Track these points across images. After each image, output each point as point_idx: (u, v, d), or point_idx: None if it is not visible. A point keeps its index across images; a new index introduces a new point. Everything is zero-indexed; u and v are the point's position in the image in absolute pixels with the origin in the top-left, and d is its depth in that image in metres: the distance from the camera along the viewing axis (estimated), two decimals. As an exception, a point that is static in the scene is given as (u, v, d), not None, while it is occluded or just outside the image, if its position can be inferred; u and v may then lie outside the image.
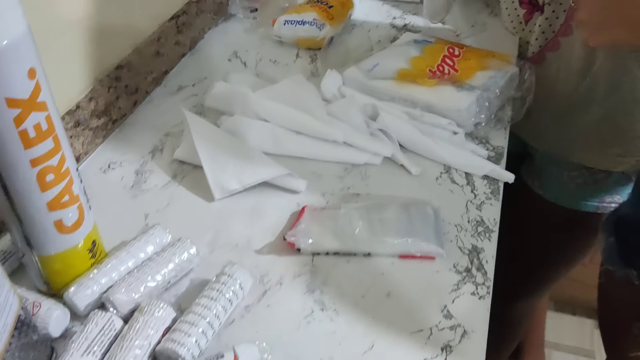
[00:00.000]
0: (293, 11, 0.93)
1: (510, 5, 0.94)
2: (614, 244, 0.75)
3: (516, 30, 0.94)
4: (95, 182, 0.70)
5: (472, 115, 0.72)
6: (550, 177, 0.98)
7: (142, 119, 0.80)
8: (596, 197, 0.94)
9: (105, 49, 0.75)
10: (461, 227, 0.62)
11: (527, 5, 0.90)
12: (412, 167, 0.69)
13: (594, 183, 0.93)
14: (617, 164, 0.89)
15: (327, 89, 0.78)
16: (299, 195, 0.67)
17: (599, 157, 0.89)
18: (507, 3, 0.94)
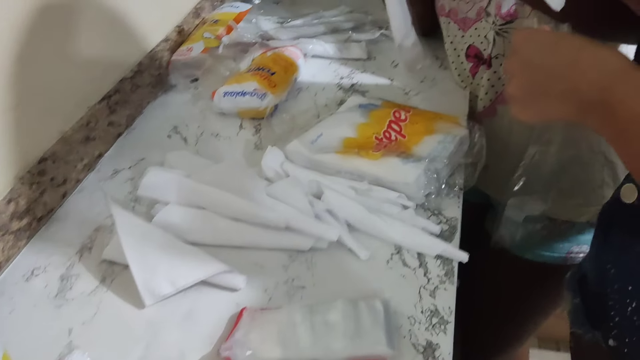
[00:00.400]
0: (233, 81, 0.89)
1: (456, 59, 0.91)
2: (580, 305, 0.70)
3: (464, 83, 0.91)
4: (18, 292, 0.64)
5: (422, 187, 0.68)
6: (514, 229, 0.94)
7: (73, 211, 0.74)
8: (563, 249, 0.90)
9: (25, 143, 0.70)
10: (414, 319, 0.57)
11: (473, 58, 0.87)
12: (360, 251, 0.64)
13: (558, 234, 0.89)
14: (580, 214, 0.86)
15: (268, 167, 0.74)
16: (239, 293, 0.61)
17: (560, 207, 0.86)
18: (454, 57, 0.92)
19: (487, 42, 0.83)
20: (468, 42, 0.86)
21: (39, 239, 0.71)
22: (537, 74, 0.51)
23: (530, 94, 0.53)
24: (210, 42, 1.01)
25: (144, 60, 0.93)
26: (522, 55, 0.53)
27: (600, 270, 0.65)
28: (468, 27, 0.86)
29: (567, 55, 0.49)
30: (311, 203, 0.68)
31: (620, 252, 0.61)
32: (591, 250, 0.69)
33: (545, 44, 0.51)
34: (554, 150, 0.81)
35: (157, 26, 0.98)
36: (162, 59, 0.97)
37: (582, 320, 0.69)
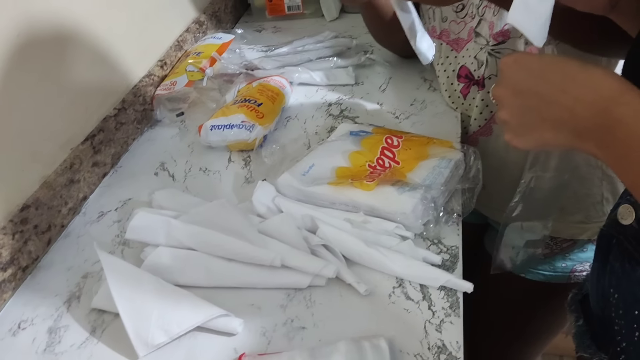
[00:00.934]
0: (220, 114, 0.87)
1: (446, 80, 0.90)
2: (584, 327, 0.68)
3: (455, 104, 0.90)
4: (4, 348, 0.61)
5: (419, 217, 0.66)
6: (515, 250, 0.93)
7: (58, 258, 0.72)
8: (566, 268, 0.89)
9: (5, 191, 0.67)
10: (422, 357, 0.54)
11: (464, 79, 0.87)
12: (360, 286, 0.61)
13: (560, 253, 0.87)
14: (582, 231, 0.85)
15: (259, 202, 0.71)
16: (237, 337, 0.58)
17: (561, 226, 0.84)
18: (444, 78, 0.91)
19: (477, 62, 0.82)
20: (461, 63, 0.86)
21: (25, 289, 0.68)
22: (528, 101, 0.50)
23: (523, 122, 0.51)
24: (194, 75, 1.00)
25: (127, 97, 0.91)
26: (510, 81, 0.52)
27: (603, 294, 0.63)
28: (461, 48, 0.85)
29: (557, 80, 0.48)
30: (306, 238, 0.66)
31: (622, 276, 0.59)
32: (592, 273, 0.67)
33: (534, 70, 0.50)
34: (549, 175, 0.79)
35: (139, 61, 0.97)
36: (145, 95, 0.95)
37: (588, 343, 0.67)
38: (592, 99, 0.45)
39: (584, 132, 0.47)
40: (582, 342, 0.68)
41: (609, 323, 0.62)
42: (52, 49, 0.75)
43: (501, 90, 0.52)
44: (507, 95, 0.52)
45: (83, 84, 0.82)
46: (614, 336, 0.61)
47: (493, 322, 1.04)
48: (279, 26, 1.30)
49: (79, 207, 0.78)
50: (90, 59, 0.83)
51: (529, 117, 0.50)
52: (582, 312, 0.69)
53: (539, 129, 0.50)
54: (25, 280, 0.69)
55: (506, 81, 0.52)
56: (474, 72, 0.83)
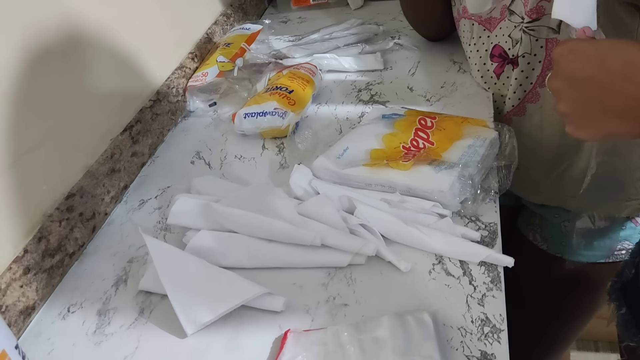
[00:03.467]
0: (253, 102, 0.88)
1: (478, 60, 0.90)
2: (628, 315, 0.67)
3: (488, 85, 0.90)
4: (55, 331, 0.63)
5: (457, 194, 0.67)
6: (552, 229, 0.92)
7: (104, 245, 0.74)
8: (604, 247, 0.88)
9: (51, 180, 0.69)
10: (465, 330, 0.55)
11: (498, 58, 0.86)
12: (400, 263, 0.62)
13: (597, 230, 0.87)
14: (621, 208, 0.84)
15: (296, 185, 0.72)
16: (280, 315, 0.60)
17: (600, 203, 0.84)
18: (476, 59, 0.90)
19: (511, 41, 0.81)
20: (494, 42, 0.85)
21: (72, 275, 0.70)
22: (589, 91, 0.48)
23: (585, 113, 0.49)
24: (225, 65, 1.01)
25: (162, 89, 0.93)
26: (567, 72, 0.50)
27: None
28: (494, 27, 0.84)
29: (618, 67, 0.46)
30: (344, 219, 0.67)
31: None
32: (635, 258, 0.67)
33: (591, 58, 0.47)
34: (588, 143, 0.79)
35: (171, 54, 0.98)
36: (178, 86, 0.97)
37: (634, 332, 0.66)
38: None
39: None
40: (627, 331, 0.67)
41: None
42: (89, 43, 0.77)
43: (558, 81, 0.51)
44: (565, 86, 0.50)
45: (119, 77, 0.84)
46: None
47: (529, 303, 1.03)
48: (304, 16, 1.31)
49: (121, 196, 0.80)
50: (125, 54, 0.85)
51: (590, 108, 0.48)
52: (624, 301, 0.68)
53: (603, 120, 0.48)
54: (72, 266, 0.71)
55: (562, 72, 0.50)
56: (508, 50, 0.83)
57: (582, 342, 1.73)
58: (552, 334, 1.06)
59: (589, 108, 0.48)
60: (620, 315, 0.67)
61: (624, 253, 0.87)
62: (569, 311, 1.01)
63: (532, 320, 1.03)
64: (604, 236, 0.87)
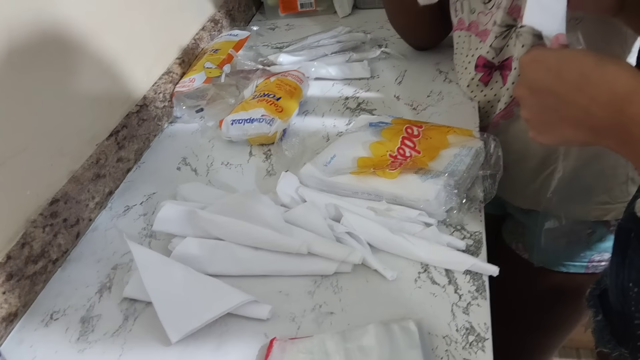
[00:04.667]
0: (240, 108, 0.88)
1: (464, 71, 0.91)
2: (604, 322, 0.68)
3: (474, 94, 0.91)
4: (37, 339, 0.62)
5: (442, 203, 0.67)
6: (534, 239, 0.93)
7: (88, 251, 0.73)
8: (584, 257, 0.89)
9: (35, 185, 0.69)
10: (450, 338, 0.55)
11: (483, 68, 0.87)
12: (386, 271, 0.62)
13: (578, 241, 0.88)
14: (606, 212, 0.85)
15: (283, 192, 0.72)
16: (266, 323, 0.59)
17: (587, 208, 0.85)
18: (461, 69, 0.91)
19: (493, 51, 0.82)
20: (477, 54, 0.86)
21: (56, 281, 0.69)
22: (547, 99, 0.50)
23: (543, 120, 0.52)
24: (212, 71, 1.01)
25: (148, 94, 0.92)
26: (529, 80, 0.52)
27: (621, 288, 0.63)
28: (487, 38, 0.85)
29: (573, 78, 0.48)
30: (331, 226, 0.67)
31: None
32: (611, 268, 0.68)
33: (551, 68, 0.50)
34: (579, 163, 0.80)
35: (158, 60, 0.98)
36: (165, 92, 0.96)
37: (608, 338, 0.67)
38: (607, 98, 0.46)
39: (602, 130, 0.47)
40: (602, 337, 0.68)
41: (628, 317, 0.62)
42: (76, 48, 0.76)
43: (521, 89, 0.53)
44: (527, 94, 0.52)
45: (105, 82, 0.83)
46: (634, 330, 0.61)
47: (513, 312, 1.04)
48: (292, 23, 1.31)
49: (106, 202, 0.80)
50: (111, 59, 0.84)
51: (548, 115, 0.51)
52: (600, 307, 0.70)
53: (559, 127, 0.51)
54: (55, 273, 0.70)
55: (525, 80, 0.52)
56: (492, 59, 0.83)
57: (564, 349, 1.74)
58: (535, 343, 1.07)
59: (547, 116, 0.51)
60: (596, 322, 0.68)
61: (603, 264, 0.88)
62: (552, 321, 1.02)
63: (516, 329, 1.04)
64: (585, 246, 0.88)
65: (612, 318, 0.67)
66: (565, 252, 0.90)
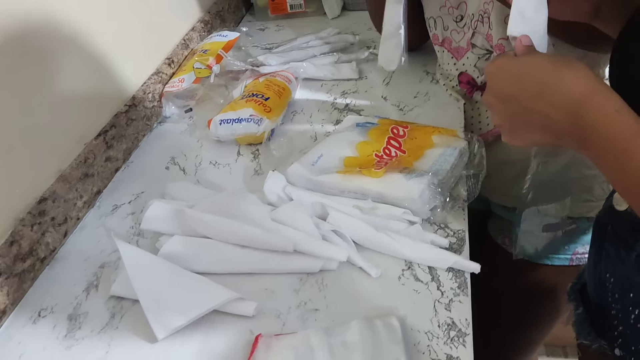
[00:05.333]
0: (228, 108, 0.89)
1: (448, 83, 0.92)
2: (584, 315, 0.70)
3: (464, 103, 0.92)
4: (25, 335, 0.63)
5: (426, 202, 0.68)
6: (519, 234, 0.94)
7: (75, 249, 0.73)
8: (567, 250, 0.90)
9: (23, 184, 0.69)
10: (432, 334, 0.56)
11: (466, 85, 0.89)
12: (371, 269, 0.63)
13: (563, 234, 0.89)
14: (589, 209, 0.86)
15: (270, 191, 0.73)
16: (252, 320, 0.60)
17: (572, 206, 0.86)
18: (446, 81, 0.93)
19: (478, 70, 0.84)
20: (460, 70, 0.88)
21: (43, 279, 0.69)
22: (512, 107, 0.52)
23: (513, 125, 0.53)
24: (201, 72, 1.02)
25: (137, 94, 0.93)
26: (495, 88, 0.54)
27: (599, 280, 0.65)
28: (461, 56, 0.87)
29: (532, 86, 0.50)
30: (317, 225, 0.68)
31: (617, 261, 0.61)
32: (589, 260, 0.69)
33: (512, 76, 0.52)
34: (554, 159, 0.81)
35: (148, 60, 0.99)
36: (154, 92, 0.97)
37: (588, 330, 0.69)
38: (565, 104, 0.47)
39: (564, 134, 0.49)
40: (582, 330, 0.70)
41: (606, 309, 0.64)
42: (64, 47, 0.77)
43: (489, 97, 0.54)
44: (495, 102, 0.54)
45: (94, 81, 0.84)
46: (611, 321, 0.63)
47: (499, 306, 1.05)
48: (281, 24, 1.32)
49: (94, 201, 0.80)
50: (101, 58, 0.85)
51: (515, 121, 0.53)
52: (581, 301, 0.71)
53: (527, 131, 0.52)
54: (43, 271, 0.70)
55: (492, 88, 0.54)
56: (476, 78, 0.85)
57: (551, 348, 1.76)
58: (518, 337, 1.08)
59: (515, 122, 0.53)
60: (577, 315, 0.70)
61: (586, 257, 0.89)
62: (535, 315, 1.03)
63: (502, 323, 1.06)
64: (568, 240, 0.89)
65: (592, 311, 0.68)
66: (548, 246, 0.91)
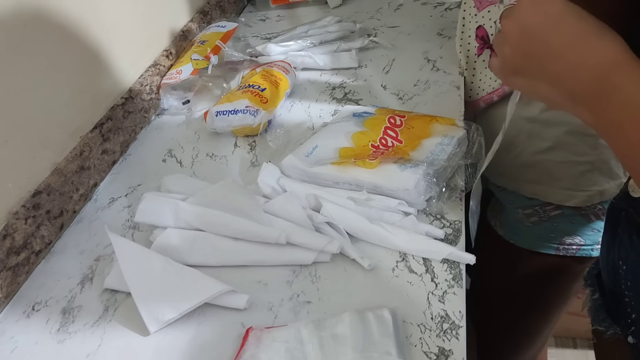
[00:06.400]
0: (225, 100, 0.88)
1: (466, 38, 0.90)
2: (600, 301, 0.69)
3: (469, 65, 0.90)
4: (18, 329, 0.63)
5: (422, 193, 0.67)
6: (508, 215, 0.93)
7: (71, 243, 0.73)
8: (554, 238, 0.89)
9: (17, 177, 0.69)
10: (424, 326, 0.56)
11: (480, 40, 0.87)
12: (364, 261, 0.62)
13: (548, 220, 0.87)
14: (568, 197, 0.85)
15: (264, 183, 0.73)
16: (244, 312, 0.60)
17: (549, 190, 0.85)
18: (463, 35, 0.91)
19: (495, 27, 0.82)
20: (479, 23, 0.85)
21: (38, 273, 0.69)
22: (535, 46, 0.47)
23: (522, 65, 0.48)
24: (199, 63, 1.01)
25: (134, 86, 0.93)
26: (523, 20, 0.48)
27: (612, 266, 0.63)
28: (483, 8, 0.84)
29: (570, 35, 0.45)
30: (310, 217, 0.67)
31: (630, 248, 0.59)
32: (602, 246, 0.68)
33: (550, 16, 0.46)
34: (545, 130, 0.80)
35: (145, 51, 0.98)
36: (152, 84, 0.97)
37: (603, 317, 0.67)
38: (595, 63, 0.44)
39: (580, 95, 0.45)
40: (598, 316, 0.68)
41: (619, 295, 0.63)
42: (58, 38, 0.77)
43: (512, 25, 0.48)
44: (516, 32, 0.48)
45: (90, 73, 0.84)
46: (624, 308, 0.62)
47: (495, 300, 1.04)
48: (282, 14, 1.31)
49: (90, 194, 0.80)
50: (97, 49, 0.85)
51: (530, 63, 0.48)
52: (597, 287, 0.70)
53: (536, 78, 0.48)
54: (39, 264, 0.70)
55: (520, 18, 0.48)
56: (490, 36, 0.83)
57: (561, 339, 1.75)
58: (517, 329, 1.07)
59: (528, 62, 0.48)
60: (592, 300, 0.69)
61: (575, 248, 0.88)
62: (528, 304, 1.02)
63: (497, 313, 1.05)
64: (554, 227, 0.87)
65: (607, 297, 0.67)
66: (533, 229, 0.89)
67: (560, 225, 0.86)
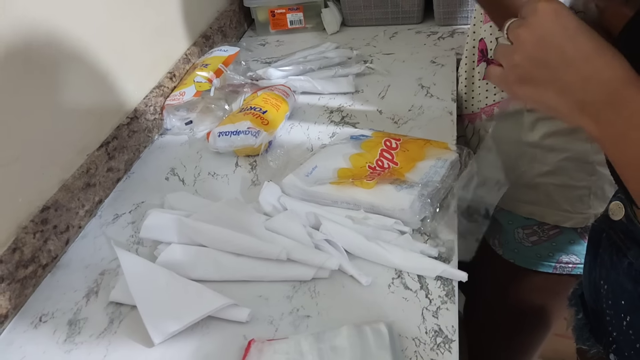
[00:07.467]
0: (227, 121, 0.91)
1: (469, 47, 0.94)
2: (584, 321, 0.72)
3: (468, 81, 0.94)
4: (26, 340, 0.65)
5: (417, 212, 0.70)
6: (507, 235, 0.96)
7: (77, 257, 0.76)
8: (552, 257, 0.92)
9: (27, 193, 0.71)
10: (419, 340, 0.58)
11: (479, 52, 0.91)
12: (361, 277, 0.65)
13: (547, 240, 0.91)
14: (566, 219, 0.88)
15: (265, 201, 0.75)
16: (245, 325, 0.62)
17: (547, 212, 0.88)
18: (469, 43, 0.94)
19: (495, 41, 0.85)
20: (482, 35, 0.89)
21: (45, 286, 0.72)
22: (550, 55, 0.48)
23: (533, 73, 0.49)
24: (202, 85, 1.04)
25: (139, 106, 0.96)
26: (541, 29, 0.49)
27: (594, 285, 0.66)
28: (487, 21, 0.88)
29: (585, 48, 0.47)
30: (310, 234, 0.70)
31: (611, 267, 0.62)
32: (584, 266, 0.71)
33: (569, 29, 0.48)
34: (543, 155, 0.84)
35: (150, 74, 1.01)
36: (156, 105, 1.00)
37: (587, 336, 0.70)
38: (608, 76, 0.46)
39: (588, 105, 0.47)
40: (582, 335, 0.71)
41: (601, 314, 0.65)
42: (68, 62, 0.80)
43: (528, 33, 0.49)
44: (532, 40, 0.49)
45: (98, 94, 0.87)
46: (606, 326, 0.64)
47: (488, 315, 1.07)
48: (282, 40, 1.35)
49: (95, 210, 0.83)
50: (104, 72, 0.88)
51: (542, 71, 0.49)
52: (581, 306, 0.73)
53: (545, 87, 0.49)
54: (45, 278, 0.73)
55: (537, 27, 0.49)
56: (490, 50, 0.87)
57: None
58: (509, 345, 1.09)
59: (540, 70, 0.49)
60: (577, 320, 0.71)
61: (571, 267, 0.91)
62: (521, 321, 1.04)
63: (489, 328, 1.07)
64: (552, 246, 0.90)
65: (589, 316, 0.70)
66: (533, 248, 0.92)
67: (560, 244, 0.89)
